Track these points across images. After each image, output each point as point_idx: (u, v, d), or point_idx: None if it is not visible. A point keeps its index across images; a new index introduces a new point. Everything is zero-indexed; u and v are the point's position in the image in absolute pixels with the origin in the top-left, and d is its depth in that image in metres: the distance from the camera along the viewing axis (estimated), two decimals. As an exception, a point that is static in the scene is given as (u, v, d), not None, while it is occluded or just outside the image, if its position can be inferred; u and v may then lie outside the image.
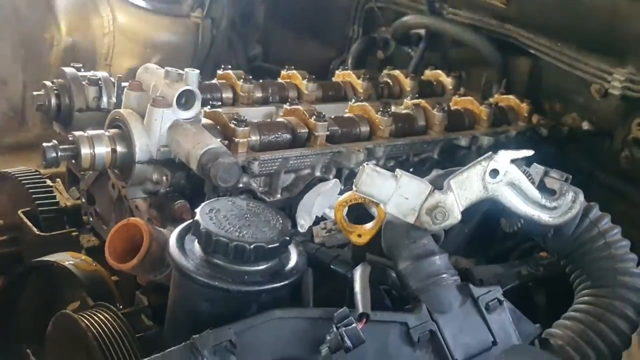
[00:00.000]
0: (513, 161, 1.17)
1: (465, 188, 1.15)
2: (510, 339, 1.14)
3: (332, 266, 1.25)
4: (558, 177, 1.28)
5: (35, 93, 1.60)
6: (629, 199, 1.77)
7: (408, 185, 1.13)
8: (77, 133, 1.37)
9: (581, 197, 1.24)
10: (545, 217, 1.20)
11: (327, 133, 1.58)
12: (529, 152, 1.20)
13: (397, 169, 1.15)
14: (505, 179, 1.16)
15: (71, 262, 1.43)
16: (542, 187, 1.27)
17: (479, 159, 1.17)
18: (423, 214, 1.13)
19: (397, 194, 1.12)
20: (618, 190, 1.81)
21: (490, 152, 1.17)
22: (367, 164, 1.13)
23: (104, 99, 1.59)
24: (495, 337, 1.13)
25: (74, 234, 1.71)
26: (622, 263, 1.24)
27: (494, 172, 1.16)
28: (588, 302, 1.22)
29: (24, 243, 1.76)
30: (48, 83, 1.60)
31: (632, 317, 1.18)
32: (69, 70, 1.60)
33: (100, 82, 1.59)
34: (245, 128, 1.45)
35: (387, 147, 1.66)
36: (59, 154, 1.35)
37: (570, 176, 1.31)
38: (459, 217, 1.14)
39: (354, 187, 1.13)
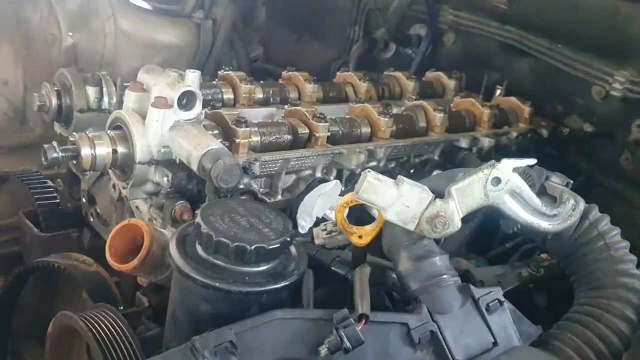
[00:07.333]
0: (515, 169, 1.17)
1: (467, 195, 1.15)
2: (510, 340, 1.14)
3: (332, 267, 1.25)
4: (559, 182, 1.29)
5: (36, 94, 1.60)
6: (629, 201, 1.77)
7: (409, 193, 1.12)
8: (78, 134, 1.37)
9: (581, 205, 1.24)
10: (544, 224, 1.21)
11: (328, 134, 1.58)
12: (532, 161, 1.20)
13: (399, 176, 1.15)
14: (507, 187, 1.16)
15: (72, 262, 1.43)
16: (542, 191, 1.27)
17: (482, 166, 1.17)
18: (423, 222, 1.13)
19: (398, 201, 1.12)
20: (618, 191, 1.81)
21: (492, 160, 1.17)
22: (369, 171, 1.12)
23: (105, 99, 1.59)
24: (496, 338, 1.13)
25: (74, 234, 1.71)
26: (621, 264, 1.24)
27: (496, 180, 1.16)
28: (588, 304, 1.22)
29: (25, 243, 1.77)
30: (49, 84, 1.60)
31: (632, 318, 1.18)
32: (70, 70, 1.60)
33: (101, 82, 1.59)
34: (246, 129, 1.45)
35: (387, 148, 1.66)
36: (60, 154, 1.35)
37: (571, 181, 1.31)
38: (459, 225, 1.14)
39: (355, 193, 1.13)
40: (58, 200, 1.78)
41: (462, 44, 2.23)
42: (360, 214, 1.30)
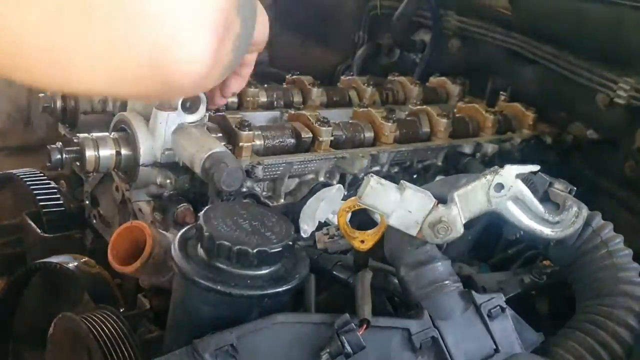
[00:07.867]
0: (518, 176, 1.16)
1: (469, 201, 1.15)
2: (512, 346, 1.14)
3: (334, 272, 1.25)
4: (562, 189, 1.28)
5: (41, 95, 1.61)
6: (633, 208, 1.77)
7: (412, 198, 1.12)
8: (82, 135, 1.38)
9: (584, 212, 1.23)
10: (547, 231, 1.20)
11: (332, 138, 1.58)
12: (535, 167, 1.20)
13: (401, 181, 1.14)
14: (510, 193, 1.16)
15: (74, 264, 1.43)
16: (545, 198, 1.27)
17: (485, 172, 1.17)
18: (426, 227, 1.13)
19: (401, 207, 1.12)
20: (622, 199, 1.81)
21: (495, 167, 1.17)
22: (371, 176, 1.12)
23: (110, 101, 1.60)
24: (497, 344, 1.12)
25: (77, 235, 1.71)
26: (624, 272, 1.24)
27: (499, 186, 1.15)
28: (590, 311, 1.22)
29: (28, 244, 1.77)
30: (54, 85, 1.60)
31: (634, 326, 1.17)
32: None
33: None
34: (250, 132, 1.45)
35: (391, 153, 1.66)
36: (64, 156, 1.35)
37: (575, 188, 1.31)
38: (461, 231, 1.14)
39: (357, 197, 1.13)
40: (61, 202, 1.78)
41: (466, 50, 2.23)
42: (362, 219, 1.30)
